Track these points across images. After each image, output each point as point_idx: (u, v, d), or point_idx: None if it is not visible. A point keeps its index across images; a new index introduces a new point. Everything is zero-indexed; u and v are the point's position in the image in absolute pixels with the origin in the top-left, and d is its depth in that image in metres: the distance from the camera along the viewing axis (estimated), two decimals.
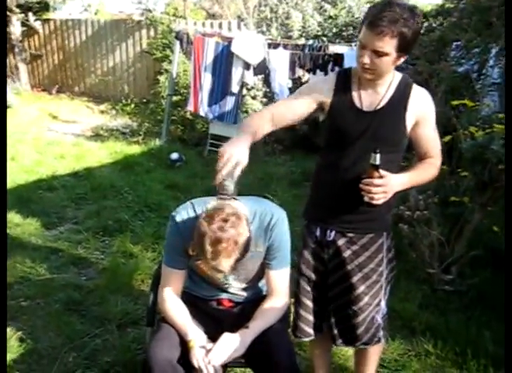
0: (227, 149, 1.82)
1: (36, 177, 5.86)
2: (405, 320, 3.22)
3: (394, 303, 3.01)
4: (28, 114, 9.32)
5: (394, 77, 2.03)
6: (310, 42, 6.96)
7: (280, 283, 2.12)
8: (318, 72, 6.34)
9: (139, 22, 10.26)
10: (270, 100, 7.65)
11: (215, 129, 7.18)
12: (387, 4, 1.82)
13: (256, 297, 2.21)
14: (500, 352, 2.89)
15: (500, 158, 3.12)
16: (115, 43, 10.68)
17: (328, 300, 2.25)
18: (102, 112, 10.08)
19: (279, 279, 2.11)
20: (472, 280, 3.51)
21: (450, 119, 3.58)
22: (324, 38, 7.98)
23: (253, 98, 7.72)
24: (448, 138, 3.33)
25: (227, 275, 2.08)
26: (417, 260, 3.66)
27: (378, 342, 2.26)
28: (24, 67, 11.73)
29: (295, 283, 2.32)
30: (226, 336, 1.94)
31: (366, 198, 1.93)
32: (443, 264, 3.57)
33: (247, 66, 6.50)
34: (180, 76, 8.01)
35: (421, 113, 2.03)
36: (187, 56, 7.82)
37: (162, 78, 8.84)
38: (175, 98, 7.90)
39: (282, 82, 6.53)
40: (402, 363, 2.88)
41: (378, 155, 1.86)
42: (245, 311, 2.15)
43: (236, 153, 1.80)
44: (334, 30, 8.28)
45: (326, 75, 6.15)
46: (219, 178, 1.81)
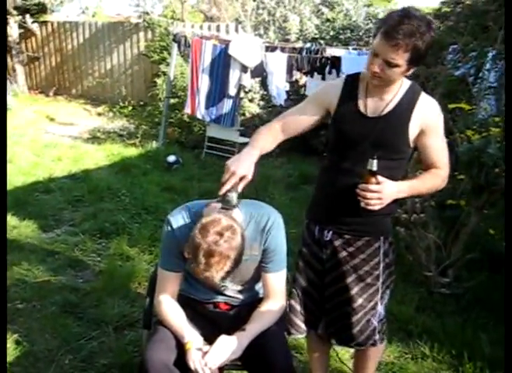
0: (233, 163, 1.90)
1: (33, 179, 5.85)
2: (402, 323, 3.23)
3: (391, 306, 2.99)
4: (25, 116, 9.32)
5: (402, 84, 2.03)
6: (308, 45, 6.96)
7: (277, 286, 2.12)
8: (316, 75, 6.35)
9: (137, 24, 10.28)
10: (267, 103, 7.67)
11: (212, 132, 7.19)
12: (405, 15, 1.80)
13: (252, 299, 2.21)
14: (497, 354, 2.90)
15: (496, 161, 3.14)
16: (113, 45, 10.70)
17: (325, 299, 2.26)
18: (99, 114, 10.09)
19: (276, 282, 2.12)
20: (469, 283, 3.51)
21: (446, 122, 3.59)
22: (322, 41, 7.99)
23: (250, 101, 7.74)
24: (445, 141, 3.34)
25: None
26: (414, 263, 3.67)
27: (374, 345, 2.26)
28: (21, 69, 11.74)
29: (291, 279, 2.34)
30: (223, 339, 1.94)
31: (362, 204, 1.95)
32: (439, 267, 3.58)
33: (245, 69, 6.51)
34: (177, 79, 8.01)
35: (427, 122, 2.02)
36: (184, 58, 7.84)
37: (159, 81, 8.85)
38: (172, 100, 7.91)
39: (280, 85, 6.54)
40: (399, 365, 2.88)
41: (375, 161, 1.87)
42: (242, 313, 2.15)
43: (241, 168, 1.88)
44: (331, 33, 8.29)
45: (323, 79, 6.18)
46: (223, 190, 1.89)
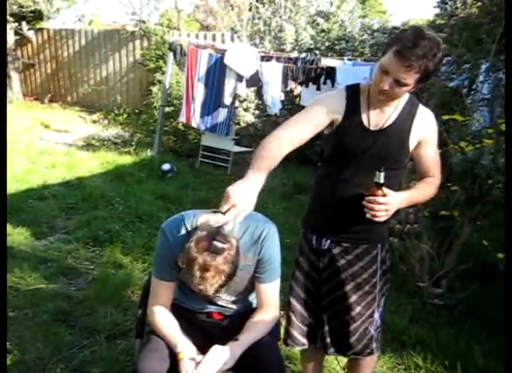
0: (235, 193, 1.70)
1: (27, 186, 5.84)
2: (395, 333, 3.23)
3: (384, 315, 3.01)
4: (20, 123, 9.31)
5: (402, 97, 2.06)
6: (303, 55, 7.00)
7: (270, 296, 2.12)
8: (310, 85, 6.37)
9: (133, 32, 10.31)
10: (262, 112, 7.70)
11: (207, 140, 7.20)
12: (419, 36, 1.80)
13: (246, 310, 2.21)
14: (490, 366, 2.91)
15: (489, 173, 3.16)
16: (108, 53, 10.73)
17: (322, 309, 2.26)
18: (94, 122, 10.09)
19: (269, 292, 2.11)
20: (462, 293, 3.52)
21: (440, 133, 3.61)
22: (317, 51, 8.04)
23: (245, 110, 7.77)
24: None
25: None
26: (407, 274, 3.68)
27: (371, 353, 2.27)
28: (17, 75, 11.75)
29: (288, 290, 2.34)
30: (216, 349, 1.93)
31: (369, 215, 1.97)
32: (433, 278, 3.58)
33: (240, 78, 6.53)
34: (173, 87, 8.03)
35: (424, 134, 2.07)
36: (180, 67, 7.86)
37: (155, 89, 8.87)
38: (168, 109, 7.92)
39: (275, 95, 6.56)
40: None
41: (382, 174, 1.90)
42: (235, 323, 2.13)
43: (243, 202, 1.70)
44: (326, 44, 8.35)
45: (318, 89, 6.20)
46: (220, 222, 1.76)
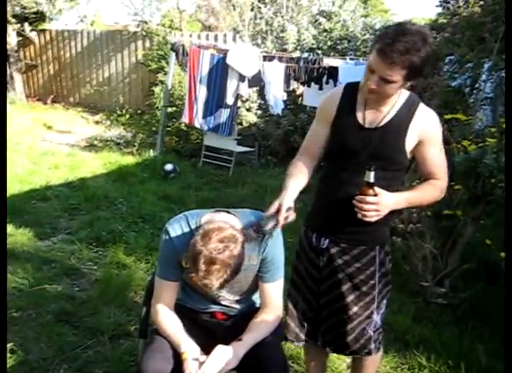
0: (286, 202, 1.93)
1: (29, 187, 5.85)
2: (399, 333, 3.22)
3: (387, 316, 3.00)
4: (23, 124, 9.33)
5: (400, 95, 2.02)
6: (305, 55, 7.00)
7: (273, 296, 2.12)
8: (313, 85, 6.37)
9: (135, 33, 10.32)
10: (264, 112, 7.70)
11: (209, 141, 7.20)
12: (399, 32, 1.79)
13: (249, 309, 2.21)
14: (493, 365, 2.90)
15: (492, 172, 3.15)
16: (111, 54, 10.74)
17: (321, 306, 2.26)
18: (97, 122, 10.10)
19: (273, 292, 2.11)
20: (465, 293, 3.51)
21: (443, 132, 3.61)
22: (319, 51, 8.04)
23: (248, 110, 7.77)
24: None
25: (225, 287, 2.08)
26: (410, 273, 3.67)
27: (368, 354, 2.26)
28: (19, 77, 11.76)
29: (290, 283, 2.35)
30: (219, 349, 1.93)
31: (359, 215, 1.95)
32: (436, 277, 3.58)
33: (242, 78, 6.53)
34: (175, 88, 8.04)
35: (424, 133, 2.01)
36: (182, 67, 7.87)
37: (157, 90, 8.89)
38: (170, 109, 7.93)
39: (277, 95, 6.56)
40: None
41: (372, 173, 1.87)
42: (238, 323, 2.13)
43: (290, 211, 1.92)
44: (328, 43, 8.34)
45: (321, 88, 6.20)
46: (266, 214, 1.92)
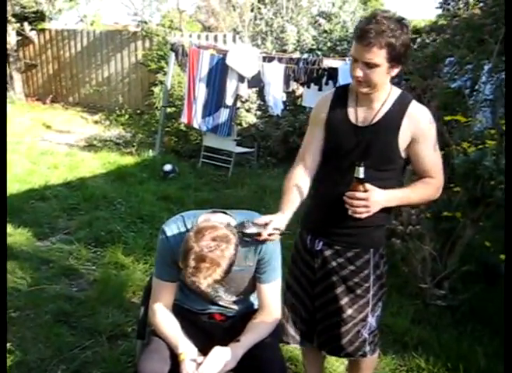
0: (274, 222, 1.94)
1: (28, 187, 5.84)
2: (397, 335, 3.21)
3: (386, 318, 3.00)
4: (22, 124, 9.31)
5: (390, 93, 2.03)
6: (305, 56, 6.99)
7: (271, 297, 2.11)
8: (312, 86, 6.36)
9: (135, 33, 10.30)
10: (264, 113, 7.69)
11: (208, 141, 7.19)
12: (372, 17, 1.87)
13: (247, 310, 2.20)
14: (492, 367, 2.89)
15: (492, 174, 3.14)
16: (110, 53, 10.72)
17: (316, 308, 2.26)
18: (96, 122, 10.08)
19: (270, 292, 2.11)
20: (464, 295, 3.50)
21: (442, 134, 3.61)
22: (319, 52, 8.03)
23: (247, 110, 7.76)
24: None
25: (217, 288, 2.07)
26: (409, 275, 3.66)
27: (363, 356, 2.25)
28: (18, 76, 11.75)
29: (286, 288, 2.34)
30: (217, 350, 1.92)
31: (350, 211, 1.95)
32: (435, 279, 3.56)
33: (242, 79, 6.53)
34: (174, 88, 8.03)
35: (417, 131, 2.00)
36: (182, 68, 7.86)
37: (156, 90, 8.88)
38: (169, 109, 7.92)
39: (277, 95, 6.55)
40: None
41: (362, 169, 1.87)
42: (236, 324, 2.13)
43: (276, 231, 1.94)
44: (328, 44, 8.34)
45: (320, 89, 6.19)
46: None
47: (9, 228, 4.55)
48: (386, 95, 2.02)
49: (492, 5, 5.07)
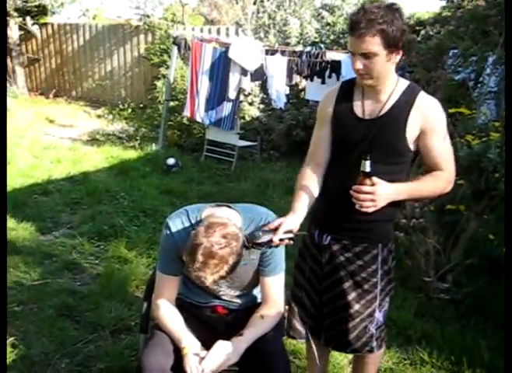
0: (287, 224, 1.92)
1: (31, 181, 5.85)
2: (401, 328, 3.21)
3: (389, 311, 2.97)
4: (25, 118, 9.31)
5: (397, 84, 2.00)
6: (308, 49, 6.96)
7: (274, 290, 2.11)
8: (315, 79, 6.34)
9: (137, 27, 10.28)
10: (267, 106, 7.67)
11: (211, 135, 7.18)
12: (361, 9, 1.87)
13: (251, 304, 2.20)
14: (496, 361, 2.88)
15: (496, 166, 3.13)
16: (113, 47, 10.71)
17: (323, 303, 2.24)
18: (99, 116, 10.08)
19: (273, 286, 2.10)
20: (468, 288, 3.49)
21: (447, 126, 3.58)
22: (322, 45, 7.99)
23: (250, 104, 7.74)
24: None
25: (221, 283, 2.07)
26: (413, 268, 3.65)
27: (371, 351, 2.24)
28: (21, 70, 11.74)
29: (294, 282, 2.34)
30: (220, 344, 1.92)
31: (357, 205, 1.92)
32: (439, 272, 3.56)
33: (245, 72, 6.50)
34: (177, 81, 8.01)
35: (426, 122, 1.95)
36: (184, 61, 7.84)
37: (159, 84, 8.85)
38: (172, 103, 7.90)
39: (280, 89, 6.53)
40: (397, 371, 2.86)
41: (368, 162, 1.85)
42: (240, 318, 2.13)
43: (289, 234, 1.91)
44: (331, 37, 8.30)
45: (323, 82, 6.17)
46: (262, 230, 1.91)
47: (12, 223, 4.56)
48: (393, 86, 1.99)
49: None
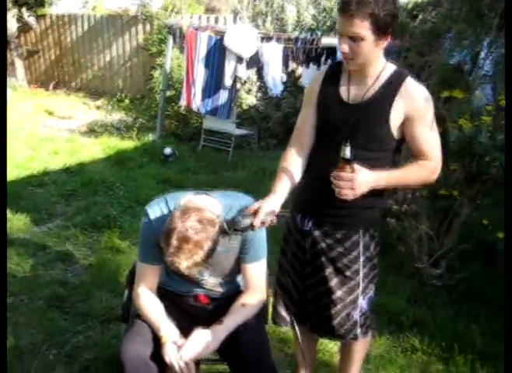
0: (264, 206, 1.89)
1: (27, 173, 5.82)
2: (393, 315, 3.19)
3: (381, 297, 2.97)
4: (23, 110, 9.27)
5: (384, 69, 1.96)
6: (303, 35, 6.89)
7: (255, 277, 2.09)
8: (311, 65, 6.28)
9: (135, 17, 10.21)
10: (264, 94, 7.62)
11: (208, 124, 7.15)
12: None
13: (233, 292, 2.18)
14: (488, 346, 2.87)
15: (487, 150, 3.08)
16: (111, 38, 10.64)
17: (306, 289, 2.22)
18: (98, 107, 10.04)
19: (255, 273, 2.08)
20: (461, 274, 3.46)
21: (440, 111, 3.53)
22: (318, 32, 7.91)
23: (247, 92, 7.68)
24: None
25: (202, 271, 2.05)
26: (405, 254, 3.62)
27: (354, 339, 2.22)
28: (20, 63, 11.70)
29: (278, 268, 2.32)
30: (199, 332, 1.91)
31: (336, 192, 1.88)
32: (431, 258, 3.53)
33: (240, 59, 6.45)
34: (174, 71, 7.96)
35: (411, 110, 1.91)
36: (181, 50, 7.78)
37: (156, 74, 8.81)
38: (169, 93, 7.86)
39: (276, 76, 6.47)
40: (388, 359, 2.84)
41: (348, 148, 1.80)
42: (221, 307, 2.11)
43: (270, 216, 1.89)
44: (328, 23, 8.21)
45: (319, 68, 6.11)
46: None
47: (7, 215, 4.55)
48: (379, 70, 1.95)
49: None
